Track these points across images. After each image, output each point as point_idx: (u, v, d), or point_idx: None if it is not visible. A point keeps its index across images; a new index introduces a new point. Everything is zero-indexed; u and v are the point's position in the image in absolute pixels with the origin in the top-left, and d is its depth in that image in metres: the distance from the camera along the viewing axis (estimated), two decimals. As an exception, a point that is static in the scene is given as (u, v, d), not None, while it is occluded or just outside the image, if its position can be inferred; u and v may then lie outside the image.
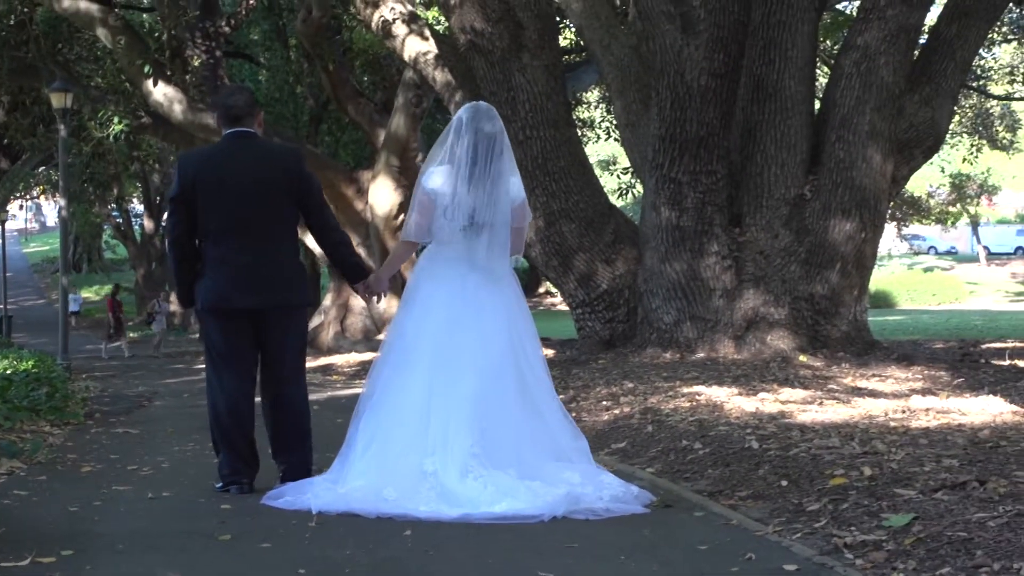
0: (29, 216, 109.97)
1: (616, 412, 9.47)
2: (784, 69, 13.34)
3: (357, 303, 25.23)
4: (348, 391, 14.75)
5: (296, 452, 6.92)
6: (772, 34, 13.37)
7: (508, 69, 13.89)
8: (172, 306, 38.44)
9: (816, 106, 14.16)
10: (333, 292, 26.16)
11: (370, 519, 5.86)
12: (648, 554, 5.20)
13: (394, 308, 8.95)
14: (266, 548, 5.32)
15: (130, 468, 8.17)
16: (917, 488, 5.67)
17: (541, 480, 6.15)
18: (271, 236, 6.85)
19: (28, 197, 66.80)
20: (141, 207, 52.22)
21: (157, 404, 14.64)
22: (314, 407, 7.35)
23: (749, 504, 6.15)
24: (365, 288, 7.18)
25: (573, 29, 22.97)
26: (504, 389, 6.41)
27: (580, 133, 27.00)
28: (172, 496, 6.88)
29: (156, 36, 25.77)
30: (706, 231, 12.88)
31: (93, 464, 8.37)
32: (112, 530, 5.75)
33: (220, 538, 5.52)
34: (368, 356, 19.85)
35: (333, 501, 6.11)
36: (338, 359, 22.35)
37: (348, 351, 23.83)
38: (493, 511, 5.84)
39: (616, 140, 28.69)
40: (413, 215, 6.69)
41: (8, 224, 54.22)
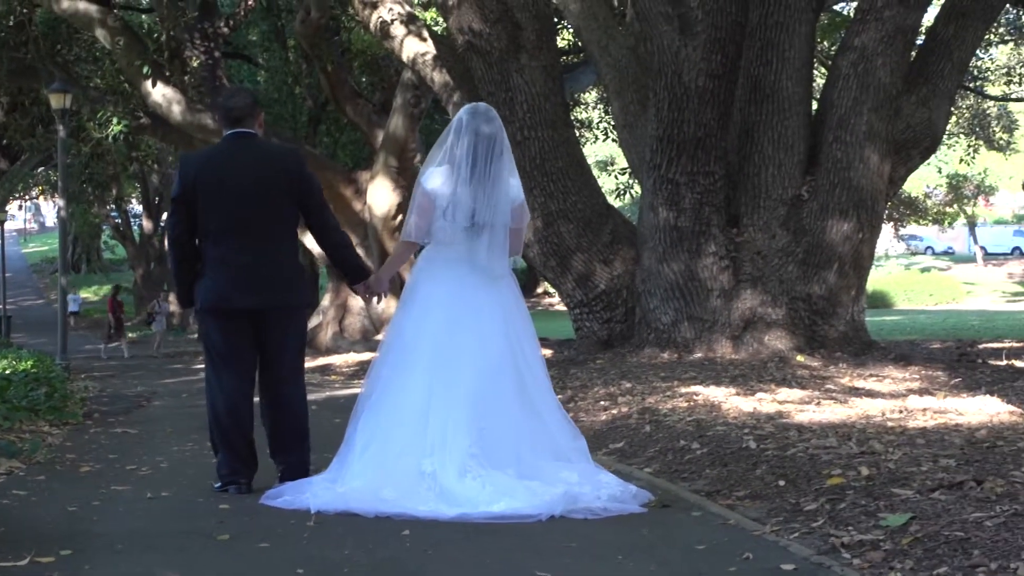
0: (28, 216, 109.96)
1: (614, 412, 9.48)
2: (781, 70, 13.34)
3: (355, 303, 25.22)
4: (346, 391, 14.75)
5: (294, 452, 6.92)
6: (770, 35, 13.38)
7: (506, 70, 13.89)
8: (172, 306, 38.43)
9: (813, 107, 14.16)
10: (331, 292, 26.17)
11: (368, 519, 5.87)
12: (646, 554, 5.21)
13: (392, 308, 8.94)
14: (264, 548, 5.33)
15: (129, 468, 8.18)
16: (914, 488, 5.68)
17: (539, 480, 6.16)
18: (271, 236, 6.85)
19: (27, 197, 66.81)
20: (140, 207, 52.25)
21: (156, 404, 14.64)
22: (312, 407, 7.36)
23: (747, 504, 6.16)
24: (365, 289, 7.18)
25: (571, 30, 22.96)
26: (503, 389, 6.42)
27: (578, 134, 27.00)
28: (171, 496, 6.89)
29: (155, 37, 25.75)
30: (704, 231, 12.89)
31: (92, 464, 8.37)
32: (111, 530, 5.76)
33: (218, 538, 5.53)
34: (366, 356, 19.86)
35: (332, 500, 6.12)
36: (336, 359, 22.35)
37: (346, 351, 23.83)
38: (491, 510, 5.85)
39: (614, 141, 28.71)
40: (412, 216, 6.69)
41: (7, 224, 54.22)
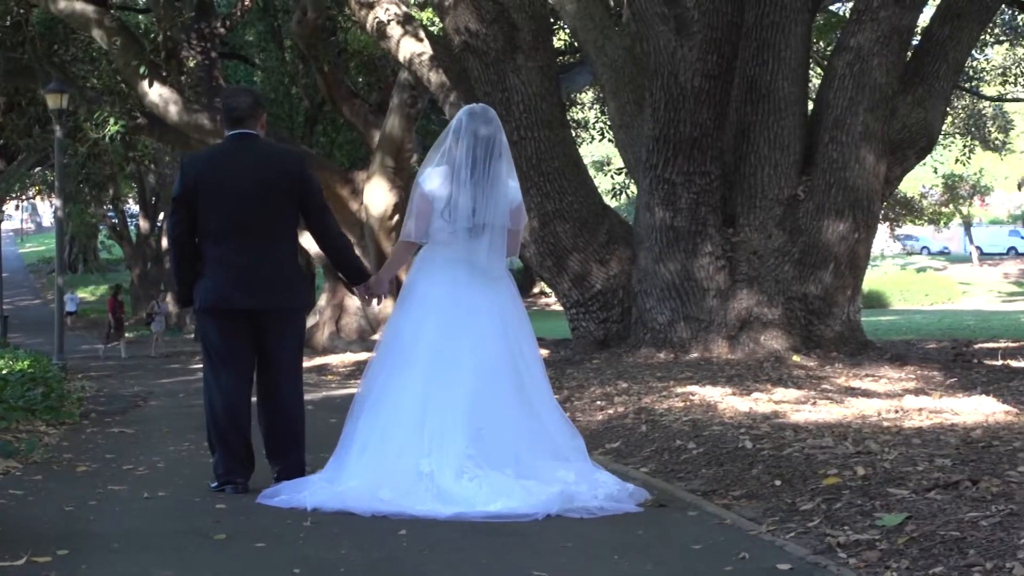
0: (25, 216, 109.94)
1: (610, 412, 9.48)
2: (777, 70, 13.35)
3: (352, 303, 25.22)
4: (343, 391, 14.76)
5: (291, 454, 6.93)
6: (765, 35, 13.39)
7: (502, 70, 13.90)
8: (171, 307, 38.40)
9: (809, 107, 14.18)
10: (328, 292, 26.16)
11: (365, 519, 5.87)
12: (642, 553, 5.22)
13: (390, 308, 8.95)
14: (261, 548, 5.33)
15: (125, 468, 8.19)
16: (910, 487, 5.69)
17: (537, 479, 6.17)
18: (271, 237, 6.86)
19: (24, 197, 66.80)
20: (137, 207, 52.23)
21: (153, 404, 14.64)
22: (309, 407, 7.37)
23: (743, 503, 6.17)
24: (365, 290, 7.18)
25: (567, 30, 22.99)
26: (501, 389, 6.43)
27: (574, 134, 27.00)
28: (167, 496, 6.89)
29: (152, 37, 25.73)
30: (700, 231, 12.90)
31: (89, 464, 8.38)
32: (107, 529, 5.77)
33: (215, 537, 5.54)
34: (363, 356, 19.87)
35: (329, 499, 6.14)
36: (333, 359, 22.37)
37: (343, 351, 23.84)
38: (488, 510, 5.86)
39: (610, 141, 28.71)
40: (411, 216, 6.70)
41: (4, 224, 54.25)
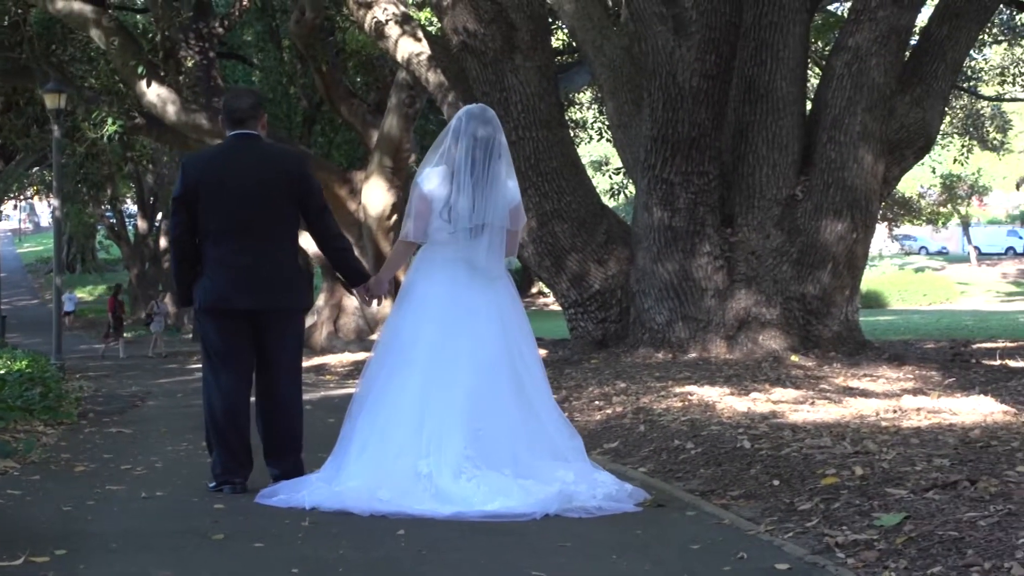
0: (23, 216, 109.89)
1: (608, 412, 9.49)
2: (776, 70, 13.36)
3: (350, 303, 25.21)
4: (341, 391, 14.76)
5: (290, 454, 6.93)
6: (764, 35, 13.39)
7: (501, 70, 13.90)
8: (170, 307, 38.37)
9: (807, 107, 14.19)
10: (326, 292, 26.15)
11: (364, 518, 5.87)
12: (640, 553, 5.22)
13: (388, 308, 8.94)
14: (259, 548, 5.33)
15: (123, 468, 8.18)
16: (908, 487, 5.69)
17: (535, 479, 6.18)
18: (271, 238, 6.86)
19: (22, 197, 66.76)
20: (135, 207, 52.20)
21: (151, 404, 14.63)
22: (307, 407, 7.36)
23: (741, 503, 6.17)
24: (365, 291, 7.18)
25: (565, 30, 22.97)
26: (499, 389, 6.43)
27: (572, 134, 26.96)
28: (165, 495, 6.89)
29: (150, 37, 25.73)
30: (698, 231, 12.90)
31: (87, 464, 8.37)
32: (106, 529, 5.76)
33: (213, 537, 5.54)
34: (361, 356, 19.85)
35: (328, 498, 6.14)
36: (331, 359, 22.35)
37: (341, 351, 23.82)
38: (486, 509, 5.87)
39: (608, 141, 28.72)
40: (410, 216, 6.70)
41: (2, 224, 54.25)
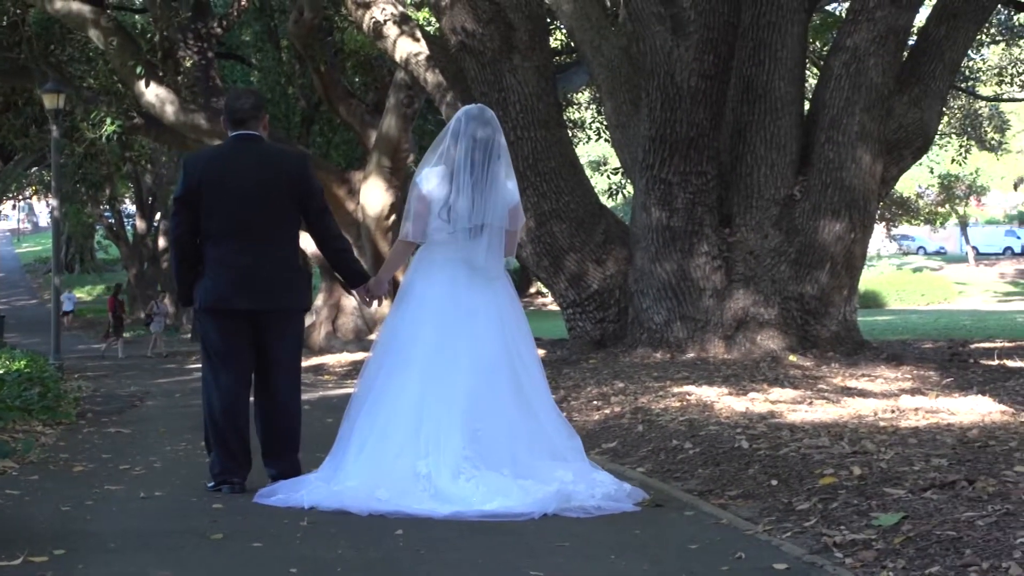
0: (22, 216, 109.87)
1: (607, 412, 9.49)
2: (774, 70, 13.36)
3: (348, 303, 25.20)
4: (339, 391, 14.75)
5: (288, 454, 6.94)
6: (762, 35, 13.40)
7: (499, 70, 13.90)
8: (170, 307, 38.34)
9: (806, 107, 14.19)
10: (324, 292, 26.14)
11: (362, 518, 5.87)
12: (639, 553, 5.22)
13: (387, 308, 8.94)
14: (258, 547, 5.33)
15: (122, 467, 8.18)
16: (906, 487, 5.69)
17: (534, 479, 6.18)
18: (272, 239, 6.87)
19: (21, 197, 66.75)
20: (133, 207, 52.17)
21: (149, 404, 14.63)
22: (305, 407, 7.37)
23: (739, 503, 6.17)
24: (366, 292, 7.19)
25: (564, 30, 22.94)
26: (498, 389, 6.43)
27: (571, 134, 26.98)
28: (164, 495, 6.89)
29: (148, 37, 25.70)
30: (696, 231, 12.91)
31: (85, 464, 8.37)
32: (104, 529, 5.76)
33: (212, 537, 5.53)
34: (359, 356, 19.85)
35: (326, 497, 6.14)
36: (329, 359, 22.34)
37: (339, 351, 23.81)
38: (485, 509, 5.87)
39: (606, 141, 28.73)
40: (409, 216, 6.71)
41: (1, 224, 54.14)
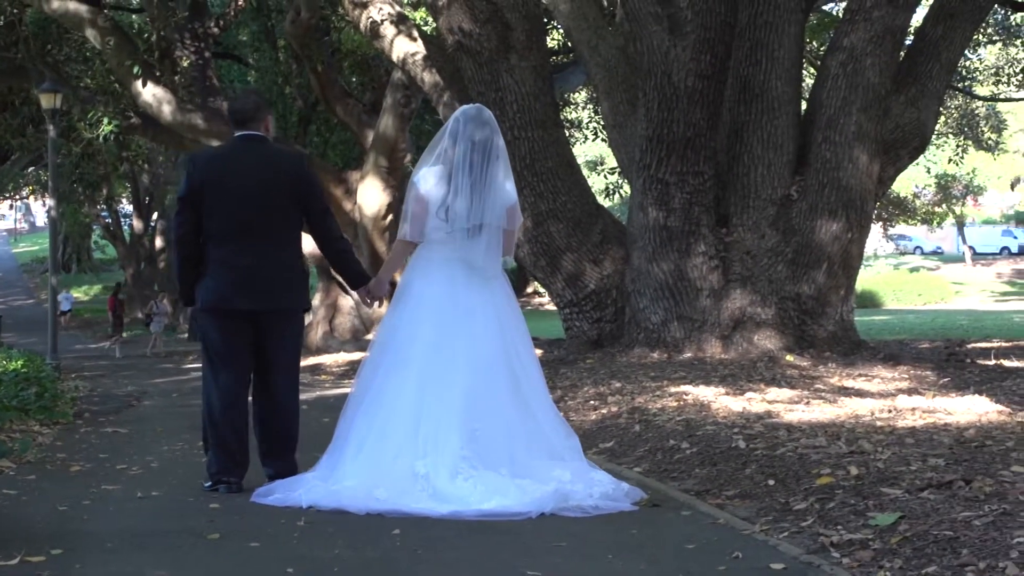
0: (18, 216, 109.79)
1: (604, 412, 9.49)
2: (771, 70, 13.36)
3: (346, 303, 25.19)
4: (336, 391, 14.75)
5: (286, 454, 6.95)
6: (759, 35, 13.40)
7: (496, 70, 13.89)
8: (169, 307, 38.34)
9: (803, 107, 14.19)
10: (322, 292, 26.13)
11: (359, 518, 5.88)
12: (636, 553, 5.22)
13: (384, 309, 8.93)
14: (255, 547, 5.33)
15: (119, 467, 8.18)
16: (903, 487, 5.70)
17: (532, 478, 6.18)
18: (273, 239, 6.88)
19: (17, 197, 66.66)
20: (130, 207, 52.16)
21: (146, 404, 14.63)
22: (302, 407, 7.36)
23: (736, 503, 6.17)
24: (366, 293, 7.19)
25: (561, 30, 22.97)
26: (496, 389, 6.43)
27: (568, 134, 26.99)
28: (161, 495, 6.89)
29: (145, 37, 25.69)
30: (693, 231, 12.91)
31: (82, 463, 8.37)
32: (101, 529, 5.76)
33: (209, 537, 5.54)
34: (357, 356, 19.84)
35: (324, 497, 6.15)
36: (327, 359, 22.33)
37: (337, 351, 23.80)
38: (482, 508, 5.88)
39: (603, 141, 28.68)
40: (407, 216, 6.72)
41: (-2, 224, 54.18)
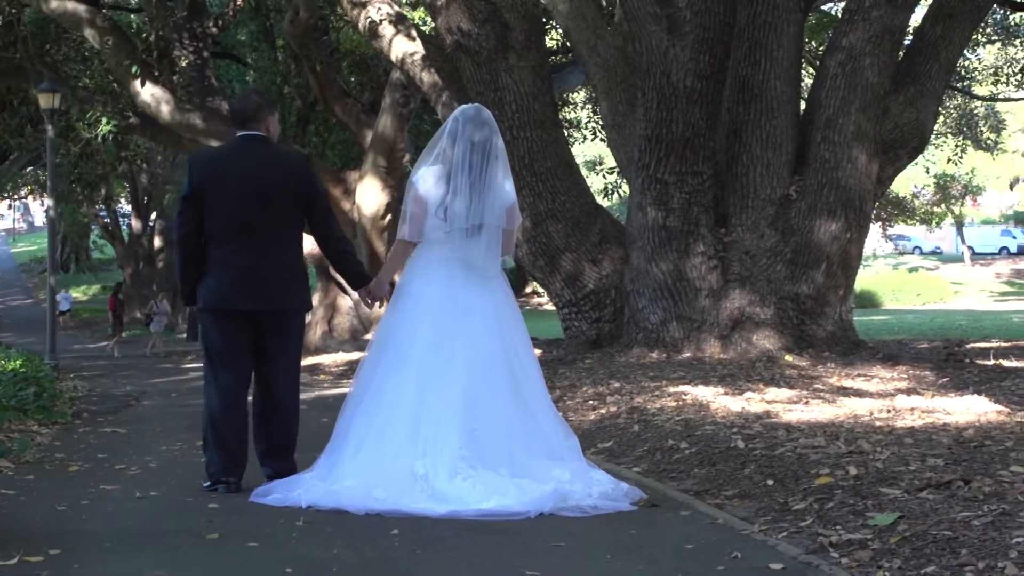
0: (17, 216, 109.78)
1: (602, 412, 9.49)
2: (770, 70, 13.36)
3: (344, 303, 25.19)
4: (335, 391, 14.74)
5: (285, 454, 6.96)
6: (758, 35, 13.40)
7: (495, 70, 13.89)
8: (168, 307, 38.32)
9: (802, 107, 14.18)
10: (320, 292, 26.12)
11: (358, 517, 5.88)
12: (634, 553, 5.22)
13: (383, 308, 8.91)
14: (253, 547, 5.33)
15: (118, 467, 8.18)
16: (902, 487, 5.70)
17: (531, 478, 6.18)
18: (274, 239, 6.88)
19: (16, 197, 66.66)
20: (129, 207, 52.16)
21: (145, 403, 14.63)
22: (301, 406, 7.36)
23: (735, 503, 6.17)
24: (367, 294, 7.19)
25: (560, 30, 22.96)
26: (495, 388, 6.44)
27: (566, 134, 26.99)
28: (160, 495, 6.89)
29: (144, 37, 25.70)
30: (692, 231, 12.90)
31: (81, 463, 8.37)
32: (100, 529, 5.76)
33: (207, 537, 5.54)
34: (355, 356, 19.83)
35: (323, 496, 6.15)
36: (325, 358, 22.32)
37: (335, 351, 23.79)
38: (481, 508, 5.88)
39: (602, 140, 28.68)
40: (406, 216, 6.72)
41: (-4, 224, 54.19)
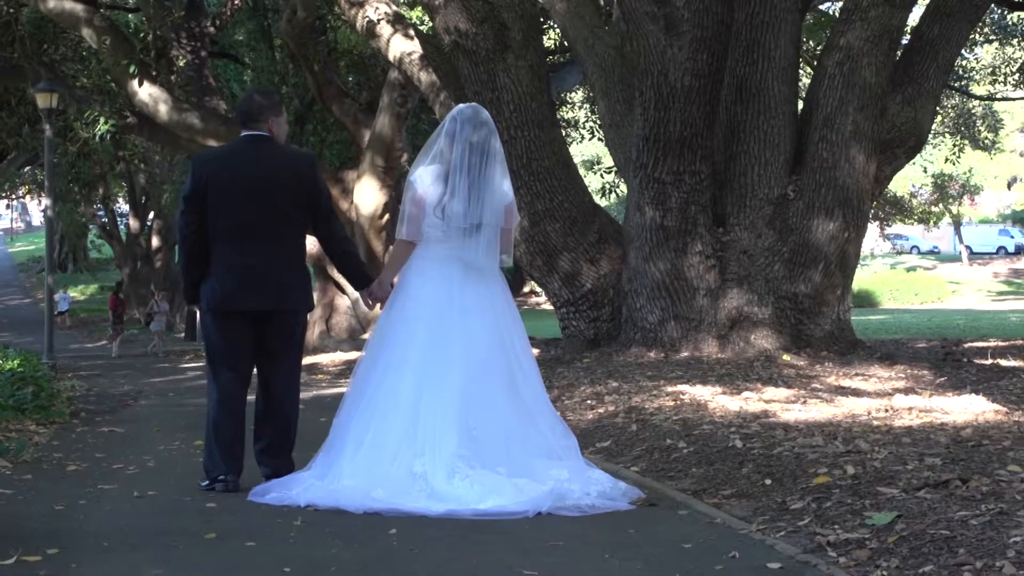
0: (15, 216, 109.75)
1: (600, 411, 9.49)
2: (767, 69, 13.36)
3: (342, 302, 25.19)
4: (333, 390, 14.74)
5: (284, 454, 6.97)
6: (755, 35, 13.40)
7: (492, 69, 13.88)
8: (167, 306, 38.26)
9: (799, 106, 14.18)
10: (319, 291, 26.11)
11: (356, 517, 5.89)
12: (632, 552, 5.22)
13: (382, 308, 8.91)
14: (251, 547, 5.33)
15: (116, 467, 8.18)
16: (900, 487, 5.70)
17: (529, 477, 6.18)
18: (277, 239, 6.88)
19: (14, 197, 66.64)
20: (127, 207, 52.12)
21: (143, 403, 14.61)
22: (299, 406, 7.36)
23: (733, 503, 6.18)
24: (369, 294, 7.19)
25: (557, 29, 22.95)
26: (493, 388, 6.44)
27: (564, 133, 26.95)
28: (158, 495, 6.89)
29: (141, 36, 25.68)
30: (690, 231, 12.90)
31: (78, 463, 8.36)
32: (98, 528, 5.76)
33: (206, 536, 5.54)
34: (353, 355, 19.83)
35: (322, 496, 6.16)
36: (323, 358, 22.31)
37: (333, 350, 23.78)
38: (479, 507, 5.88)
39: (600, 140, 28.65)
40: (404, 216, 6.73)
41: (-6, 224, 54.18)
